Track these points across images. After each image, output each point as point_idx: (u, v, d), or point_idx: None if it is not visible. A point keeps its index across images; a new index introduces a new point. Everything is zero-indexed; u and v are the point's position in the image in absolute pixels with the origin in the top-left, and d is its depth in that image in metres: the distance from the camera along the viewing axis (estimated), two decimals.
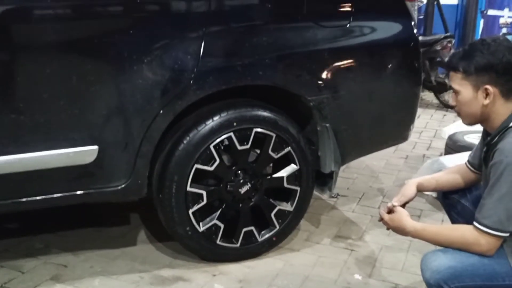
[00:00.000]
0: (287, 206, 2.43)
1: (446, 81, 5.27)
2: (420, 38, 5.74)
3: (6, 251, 2.39)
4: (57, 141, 1.96)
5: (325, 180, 2.56)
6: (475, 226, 1.65)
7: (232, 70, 2.15)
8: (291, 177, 2.38)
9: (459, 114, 1.79)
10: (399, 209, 1.93)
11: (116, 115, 2.02)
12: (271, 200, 2.40)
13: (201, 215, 2.29)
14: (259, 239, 2.40)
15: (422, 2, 6.26)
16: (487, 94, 1.68)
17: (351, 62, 2.42)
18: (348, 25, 2.37)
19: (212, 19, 2.10)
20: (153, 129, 2.08)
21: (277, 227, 2.42)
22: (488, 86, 1.66)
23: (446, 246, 1.73)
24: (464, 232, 1.68)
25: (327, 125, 2.37)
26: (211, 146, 2.18)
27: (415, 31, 2.57)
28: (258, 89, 2.30)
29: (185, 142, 2.16)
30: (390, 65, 2.54)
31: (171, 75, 2.07)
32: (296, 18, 2.28)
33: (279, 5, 2.27)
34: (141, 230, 2.64)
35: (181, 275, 2.28)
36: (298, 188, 2.41)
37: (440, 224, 2.51)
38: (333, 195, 3.14)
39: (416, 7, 2.61)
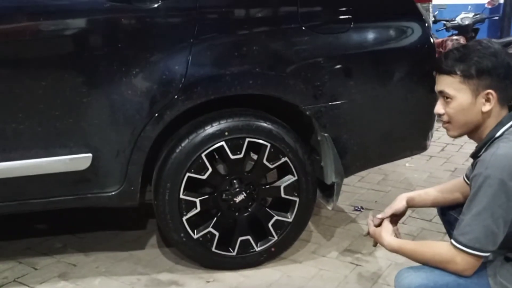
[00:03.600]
0: (286, 217, 2.40)
1: None
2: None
3: (28, 249, 2.62)
4: (54, 149, 2.12)
5: (331, 192, 2.48)
6: (451, 243, 1.53)
7: (220, 80, 2.18)
8: (289, 188, 2.35)
9: (448, 123, 1.63)
10: (384, 223, 1.85)
11: (107, 125, 2.14)
12: (268, 210, 2.39)
13: (202, 222, 2.35)
14: (257, 249, 2.39)
15: (497, 1, 5.81)
16: (487, 100, 1.54)
17: (351, 69, 2.33)
18: (348, 30, 2.29)
19: (199, 29, 2.14)
20: (143, 138, 2.16)
21: (275, 237, 2.40)
22: (490, 91, 1.53)
23: (424, 263, 1.62)
24: (441, 249, 1.57)
25: (326, 134, 2.32)
26: (203, 155, 2.23)
27: (429, 33, 2.42)
28: (262, 99, 2.32)
29: (177, 150, 2.22)
30: (399, 71, 2.40)
31: (159, 85, 2.14)
32: (289, 25, 2.24)
33: (270, 11, 2.27)
34: (154, 235, 2.76)
35: (176, 280, 2.34)
36: (297, 199, 2.38)
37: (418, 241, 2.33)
38: (356, 207, 3.07)
39: (433, 9, 2.46)
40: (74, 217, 2.85)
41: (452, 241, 1.52)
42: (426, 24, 2.42)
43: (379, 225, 1.85)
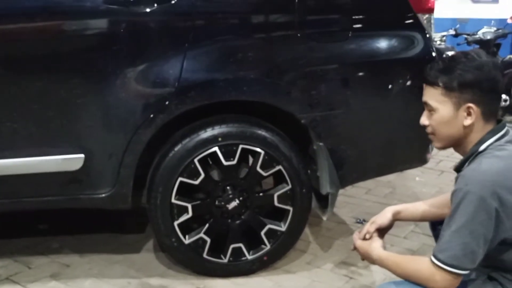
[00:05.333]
0: (279, 226, 2.37)
1: None
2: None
3: (26, 248, 2.65)
4: (47, 148, 2.14)
5: (327, 202, 2.44)
6: (431, 260, 1.48)
7: (214, 85, 2.18)
8: (283, 196, 2.32)
9: (432, 135, 1.60)
10: (374, 236, 1.81)
11: (100, 127, 2.16)
12: (261, 218, 2.36)
13: (195, 227, 2.34)
14: (249, 257, 2.36)
15: None
16: (468, 114, 1.50)
17: (348, 79, 2.30)
18: (346, 39, 2.26)
19: (195, 34, 2.14)
20: (135, 141, 2.16)
21: (268, 246, 2.37)
22: (471, 105, 1.49)
23: (404, 278, 1.57)
24: (421, 265, 1.52)
25: (321, 144, 2.28)
26: (195, 160, 2.22)
27: (430, 45, 2.36)
28: (261, 107, 2.30)
29: (170, 155, 2.22)
30: (397, 82, 2.34)
31: (152, 89, 2.16)
32: (286, 32, 2.23)
33: (267, 18, 2.25)
34: (151, 239, 2.74)
35: (167, 285, 2.33)
36: (291, 208, 2.34)
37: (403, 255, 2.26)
38: (358, 220, 3.01)
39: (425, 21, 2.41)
40: (77, 218, 2.88)
41: (431, 257, 1.47)
42: (428, 35, 2.37)
43: (364, 238, 1.81)
